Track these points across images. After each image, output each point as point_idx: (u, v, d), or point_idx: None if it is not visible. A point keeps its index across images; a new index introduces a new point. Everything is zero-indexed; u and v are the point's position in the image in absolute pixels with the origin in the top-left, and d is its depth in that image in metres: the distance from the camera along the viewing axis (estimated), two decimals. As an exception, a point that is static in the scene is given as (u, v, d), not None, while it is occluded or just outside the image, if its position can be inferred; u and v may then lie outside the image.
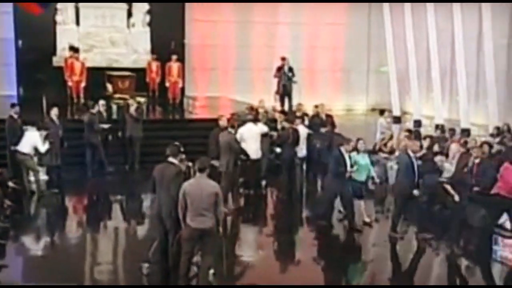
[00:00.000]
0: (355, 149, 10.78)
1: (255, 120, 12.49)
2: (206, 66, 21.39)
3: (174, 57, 18.03)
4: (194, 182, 7.38)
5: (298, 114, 14.00)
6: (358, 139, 10.94)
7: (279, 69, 16.91)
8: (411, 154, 10.12)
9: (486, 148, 10.95)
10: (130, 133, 13.70)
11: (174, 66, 17.94)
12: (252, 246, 10.09)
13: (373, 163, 11.91)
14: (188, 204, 7.28)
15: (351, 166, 10.40)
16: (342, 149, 10.44)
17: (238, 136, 12.29)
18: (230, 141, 11.01)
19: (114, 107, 15.89)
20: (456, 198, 10.39)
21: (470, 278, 9.02)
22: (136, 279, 7.99)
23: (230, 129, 11.27)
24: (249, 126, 12.33)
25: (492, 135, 13.80)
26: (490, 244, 9.58)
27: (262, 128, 12.45)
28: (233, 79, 21.61)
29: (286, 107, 16.70)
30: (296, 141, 12.32)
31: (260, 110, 14.66)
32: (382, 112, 16.49)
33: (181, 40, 19.87)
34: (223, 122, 11.83)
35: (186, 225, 7.36)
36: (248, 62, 21.70)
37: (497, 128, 14.41)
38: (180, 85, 18.10)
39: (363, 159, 10.93)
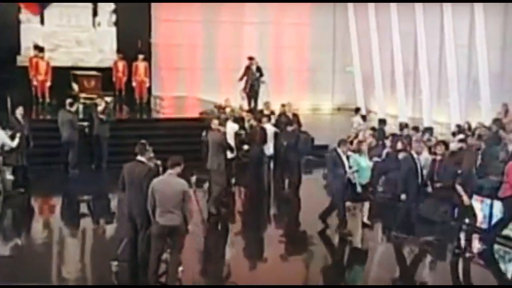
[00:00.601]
0: (358, 150, 10.57)
1: (228, 119, 12.64)
2: (173, 65, 21.36)
3: (141, 56, 17.98)
4: (163, 180, 7.46)
5: (266, 112, 14.13)
6: (360, 141, 10.80)
7: (247, 68, 17.01)
8: (415, 156, 10.07)
9: (440, 147, 11.28)
10: (97, 132, 13.67)
11: (141, 65, 17.90)
12: (221, 244, 10.17)
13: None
14: (156, 201, 7.34)
15: (349, 167, 10.14)
16: (339, 150, 10.22)
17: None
18: (220, 140, 10.95)
19: (81, 106, 15.76)
20: (466, 199, 9.63)
21: (434, 274, 9.24)
22: (105, 277, 8.01)
23: (220, 127, 11.21)
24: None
25: (453, 133, 14.15)
26: (458, 239, 9.89)
27: (233, 126, 12.58)
28: (200, 79, 21.62)
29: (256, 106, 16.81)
30: (264, 140, 12.47)
31: (227, 109, 14.78)
32: (357, 110, 16.75)
33: (148, 40, 19.83)
34: (214, 125, 11.42)
35: (155, 222, 7.42)
36: (215, 61, 21.76)
37: (458, 126, 14.78)
38: (147, 84, 18.08)
39: (365, 161, 10.63)
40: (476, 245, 9.87)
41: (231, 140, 11.99)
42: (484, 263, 9.61)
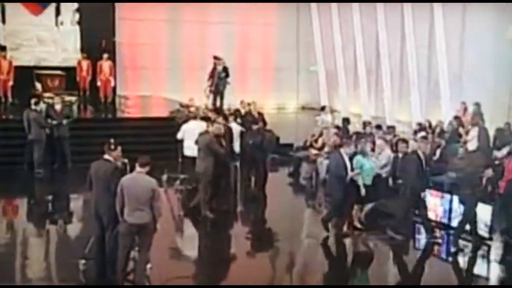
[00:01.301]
0: (361, 152, 10.35)
1: (199, 118, 12.71)
2: (137, 65, 21.31)
3: (106, 55, 17.90)
4: (132, 178, 7.50)
5: (243, 110, 14.30)
6: (364, 142, 10.46)
7: (214, 68, 17.06)
8: (421, 156, 9.98)
9: (401, 144, 11.60)
10: (58, 133, 13.59)
11: (106, 64, 17.82)
12: (189, 241, 10.28)
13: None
14: (125, 199, 7.38)
15: (352, 169, 9.94)
16: (342, 151, 10.07)
17: (180, 133, 12.52)
18: (208, 143, 10.77)
19: (44, 106, 15.60)
20: None
21: (391, 267, 9.50)
22: (72, 275, 8.01)
23: (209, 130, 11.00)
24: (192, 123, 12.56)
25: (415, 131, 14.51)
26: (413, 233, 10.28)
27: (203, 125, 12.64)
28: (164, 78, 21.62)
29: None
30: (231, 139, 12.56)
31: (192, 109, 14.87)
32: (323, 108, 16.99)
33: (112, 39, 19.72)
34: (213, 128, 11.16)
35: (123, 221, 7.45)
36: (179, 61, 21.76)
37: (419, 124, 15.16)
38: (112, 83, 18.01)
39: (369, 162, 10.37)
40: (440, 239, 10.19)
41: None
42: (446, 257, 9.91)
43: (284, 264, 9.23)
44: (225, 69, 16.90)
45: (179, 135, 12.50)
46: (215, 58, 17.12)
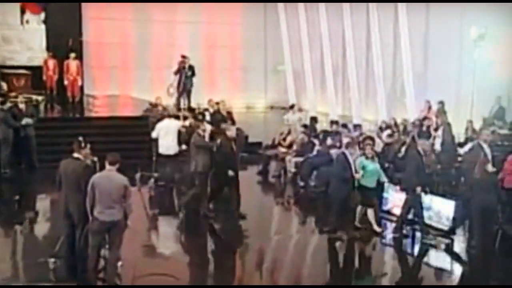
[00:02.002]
0: (364, 153, 10.22)
1: (173, 117, 12.86)
2: (105, 64, 21.18)
3: (73, 54, 17.76)
4: (103, 175, 7.50)
5: (211, 109, 14.36)
6: (367, 143, 10.32)
7: (180, 67, 17.10)
8: (422, 153, 10.04)
9: (368, 142, 11.82)
10: (24, 132, 13.45)
11: (73, 63, 17.67)
12: (162, 239, 10.33)
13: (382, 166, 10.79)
14: (96, 197, 7.38)
15: (356, 171, 9.80)
16: (347, 152, 9.92)
17: (155, 132, 12.53)
18: (199, 143, 10.75)
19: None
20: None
21: (357, 261, 9.67)
22: (42, 275, 7.96)
23: (199, 131, 10.96)
24: (167, 121, 12.60)
25: (380, 128, 14.80)
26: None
27: (178, 124, 12.73)
28: (132, 77, 21.56)
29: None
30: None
31: (159, 108, 14.91)
32: (292, 106, 17.15)
33: (78, 38, 19.55)
34: (231, 133, 10.97)
35: (93, 218, 7.45)
36: (147, 60, 21.71)
37: (385, 122, 15.46)
38: (79, 83, 17.87)
39: (372, 164, 10.16)
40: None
41: (173, 139, 12.30)
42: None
43: (253, 260, 9.32)
44: (190, 67, 16.97)
45: (154, 134, 12.54)
46: (183, 57, 17.18)
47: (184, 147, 12.20)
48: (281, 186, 13.75)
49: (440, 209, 10.04)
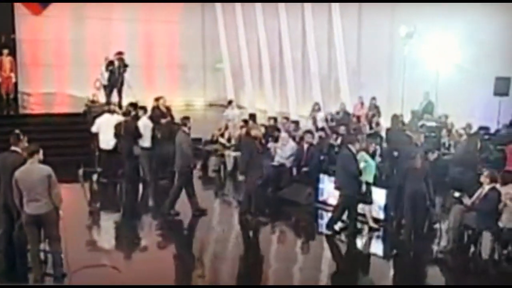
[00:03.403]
0: (365, 148, 10.23)
1: (112, 112, 12.89)
2: (40, 61, 20.80)
3: (6, 51, 17.29)
4: (25, 169, 7.39)
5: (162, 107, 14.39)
6: (368, 139, 10.33)
7: (111, 62, 16.96)
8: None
9: (308, 136, 12.30)
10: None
11: (6, 60, 17.21)
12: (103, 233, 10.39)
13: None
14: (22, 191, 7.33)
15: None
16: (352, 147, 9.91)
17: (95, 126, 12.46)
18: (181, 142, 10.58)
19: None
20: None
21: (298, 250, 9.96)
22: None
23: (184, 128, 10.71)
24: (107, 116, 12.53)
25: (331, 120, 15.35)
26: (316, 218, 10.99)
27: (118, 119, 12.70)
28: (68, 75, 21.26)
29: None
30: (136, 133, 12.61)
31: (97, 104, 14.88)
32: (230, 102, 17.36)
33: (11, 35, 19.06)
34: (256, 131, 10.81)
35: (23, 212, 7.42)
36: (83, 57, 21.41)
37: (330, 114, 16.07)
38: (13, 80, 17.41)
39: (371, 160, 10.26)
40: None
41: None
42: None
43: (194, 252, 9.50)
44: (122, 61, 16.89)
45: (94, 128, 12.52)
46: (119, 53, 17.10)
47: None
48: (221, 180, 13.99)
49: (374, 198, 10.47)
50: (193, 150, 10.95)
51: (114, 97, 17.04)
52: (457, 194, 9.51)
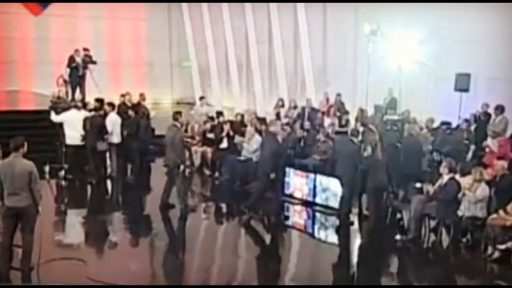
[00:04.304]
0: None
1: (80, 107, 12.89)
2: (3, 59, 20.54)
3: (-32, 48, 17.10)
4: (7, 162, 7.48)
5: (128, 103, 14.36)
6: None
7: (72, 58, 16.86)
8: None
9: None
10: None
11: (-32, 57, 17.02)
12: (68, 228, 10.36)
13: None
14: (3, 184, 7.36)
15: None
16: (355, 140, 10.17)
17: (59, 117, 12.61)
18: (172, 137, 10.64)
19: None
20: None
21: (266, 242, 10.13)
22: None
23: (176, 123, 10.78)
24: (73, 112, 12.48)
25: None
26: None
27: (85, 115, 12.66)
28: (32, 72, 21.04)
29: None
30: (101, 129, 12.61)
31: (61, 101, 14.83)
32: (201, 98, 17.43)
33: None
34: (275, 128, 10.66)
35: (2, 204, 7.45)
36: (48, 55, 21.24)
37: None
38: (-24, 77, 17.24)
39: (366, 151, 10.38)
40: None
41: (79, 129, 12.35)
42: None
43: (163, 247, 9.49)
44: (89, 59, 16.83)
45: (58, 118, 12.48)
46: (85, 49, 17.02)
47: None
48: (189, 176, 14.06)
49: (336, 190, 10.69)
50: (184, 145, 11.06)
51: (78, 94, 16.96)
52: (418, 185, 9.79)
